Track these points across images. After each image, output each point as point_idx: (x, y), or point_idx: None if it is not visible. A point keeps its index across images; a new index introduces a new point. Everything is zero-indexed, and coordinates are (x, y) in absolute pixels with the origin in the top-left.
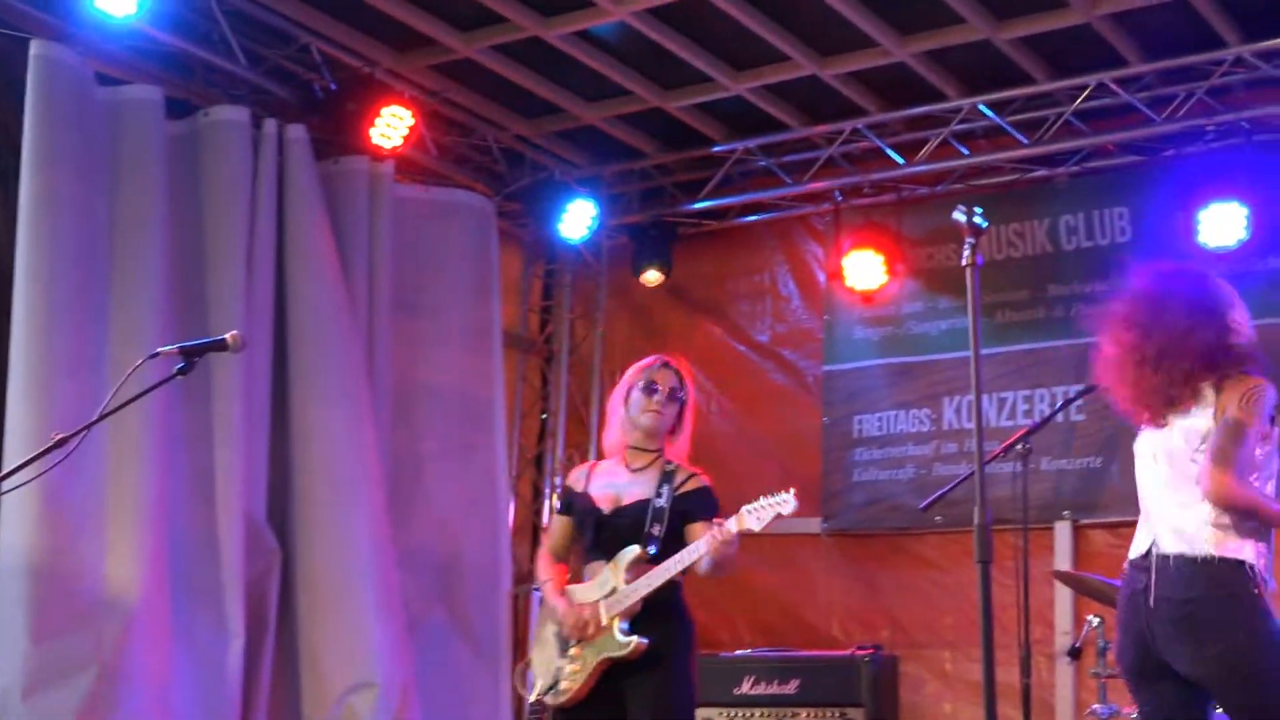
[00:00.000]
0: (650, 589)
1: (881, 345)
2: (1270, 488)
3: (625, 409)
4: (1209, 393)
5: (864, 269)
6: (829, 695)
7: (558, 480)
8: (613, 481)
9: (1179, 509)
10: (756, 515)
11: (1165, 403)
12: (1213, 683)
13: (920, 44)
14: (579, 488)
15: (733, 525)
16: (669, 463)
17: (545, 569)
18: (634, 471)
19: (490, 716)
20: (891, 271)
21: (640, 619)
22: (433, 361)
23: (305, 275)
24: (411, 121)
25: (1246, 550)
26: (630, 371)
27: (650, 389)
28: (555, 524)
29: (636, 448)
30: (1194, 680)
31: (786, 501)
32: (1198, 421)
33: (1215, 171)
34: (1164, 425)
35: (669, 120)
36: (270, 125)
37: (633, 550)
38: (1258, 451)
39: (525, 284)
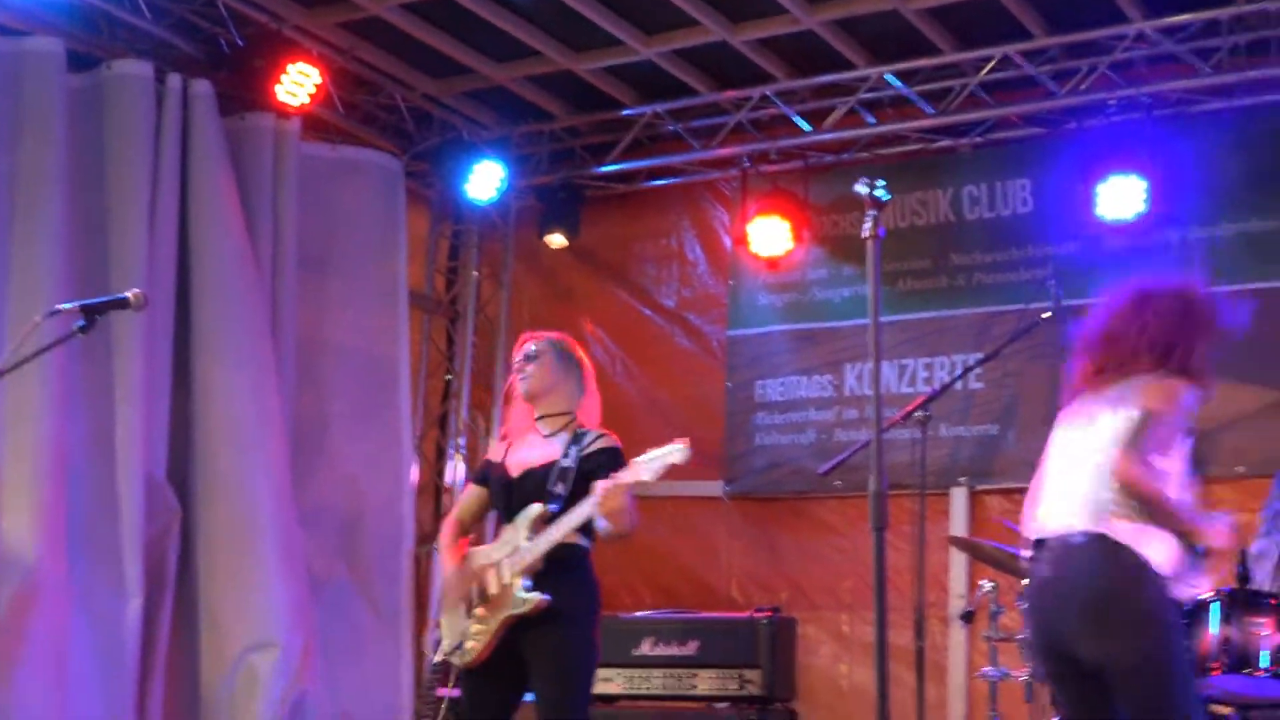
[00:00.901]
0: (550, 544)
1: (786, 311)
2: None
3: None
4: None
5: (770, 235)
6: (727, 656)
7: (461, 441)
8: (527, 449)
9: (1090, 495)
10: (649, 466)
11: (1115, 374)
12: (1118, 674)
13: (829, 12)
14: (497, 459)
15: (623, 476)
16: (580, 427)
17: (446, 535)
18: (546, 438)
19: (391, 676)
20: (797, 238)
21: (543, 577)
22: (338, 321)
23: (209, 233)
24: (319, 79)
25: (1154, 546)
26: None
27: (517, 368)
28: (466, 493)
29: (542, 416)
30: (1100, 671)
31: (678, 451)
32: (1124, 411)
33: (1116, 145)
34: (1090, 413)
35: (578, 83)
36: (175, 80)
37: (535, 508)
38: (1167, 456)
39: (432, 244)
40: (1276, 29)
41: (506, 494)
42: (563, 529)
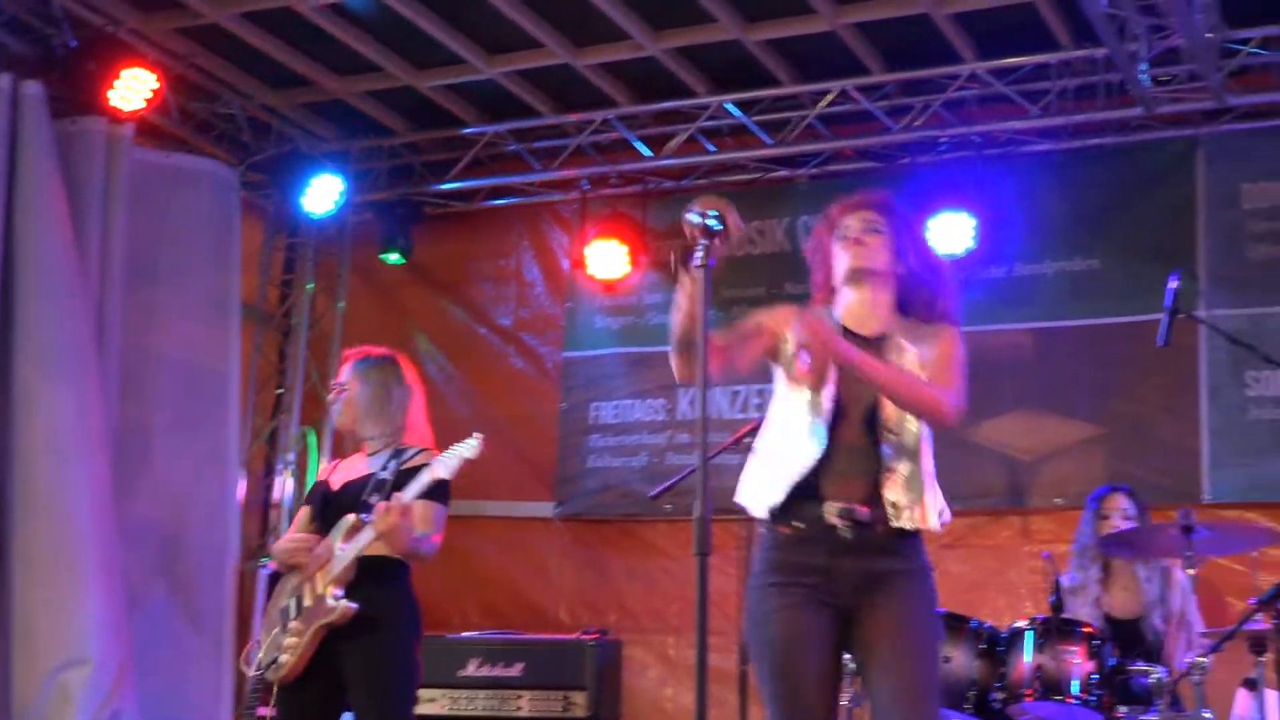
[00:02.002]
0: (357, 553)
1: (621, 334)
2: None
3: None
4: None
5: (607, 258)
6: (553, 678)
7: (290, 456)
8: (352, 467)
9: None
10: (445, 463)
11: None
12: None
13: (672, 40)
14: (325, 477)
15: (403, 496)
16: (404, 445)
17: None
18: (370, 455)
19: (210, 695)
20: (634, 262)
21: (357, 587)
22: (167, 331)
23: (35, 237)
24: (155, 84)
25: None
26: None
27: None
28: (300, 514)
29: (366, 438)
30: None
31: (472, 445)
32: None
33: (947, 182)
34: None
35: (420, 99)
36: (4, 80)
37: (348, 519)
38: None
39: (266, 256)
40: (1103, 75)
41: (325, 506)
42: (368, 539)
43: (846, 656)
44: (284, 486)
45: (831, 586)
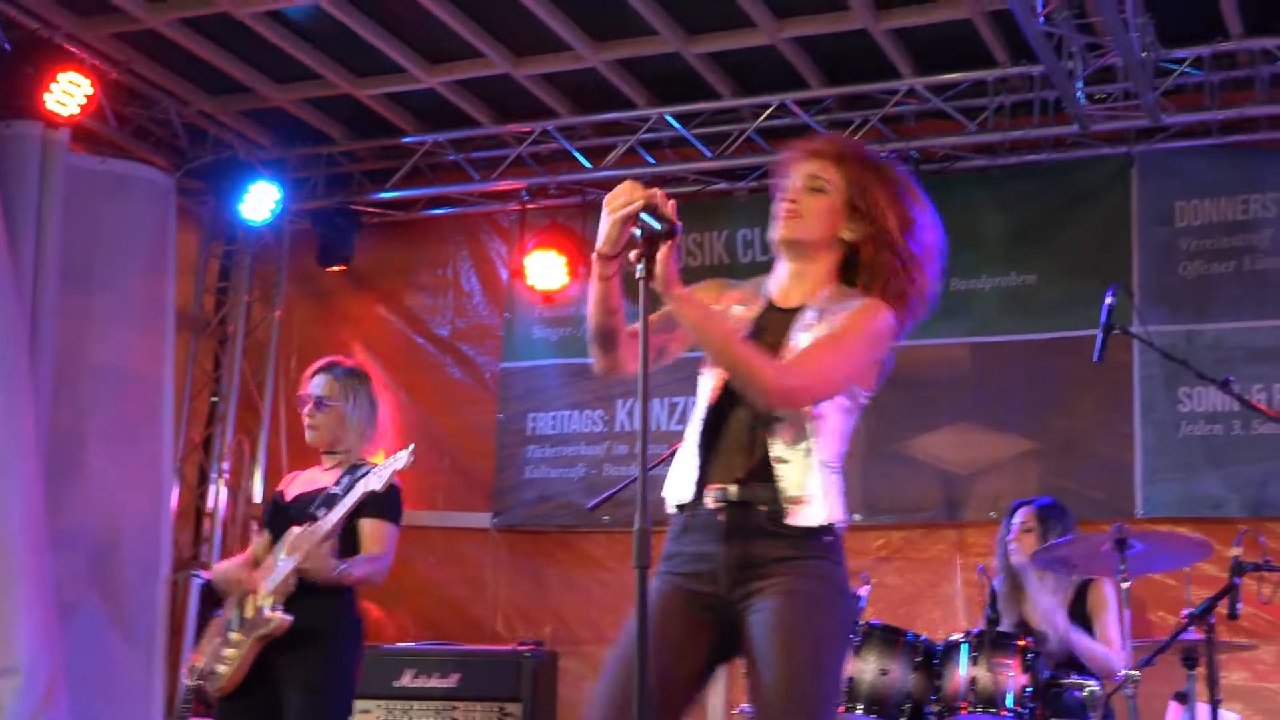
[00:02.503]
0: (293, 567)
1: (560, 345)
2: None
3: None
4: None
5: (546, 269)
6: (489, 690)
7: (225, 465)
8: (308, 479)
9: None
10: (378, 475)
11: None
12: None
13: (612, 52)
14: (283, 488)
15: (321, 527)
16: (361, 460)
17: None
18: (326, 470)
19: (142, 706)
20: (573, 273)
21: (297, 600)
22: (101, 338)
23: None
24: (90, 90)
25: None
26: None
27: (303, 401)
28: (259, 540)
29: (326, 453)
30: None
31: (403, 456)
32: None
33: None
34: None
35: (359, 108)
36: None
37: (293, 531)
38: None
39: (202, 264)
40: (1039, 92)
41: (275, 519)
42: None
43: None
44: (218, 496)
45: (712, 573)
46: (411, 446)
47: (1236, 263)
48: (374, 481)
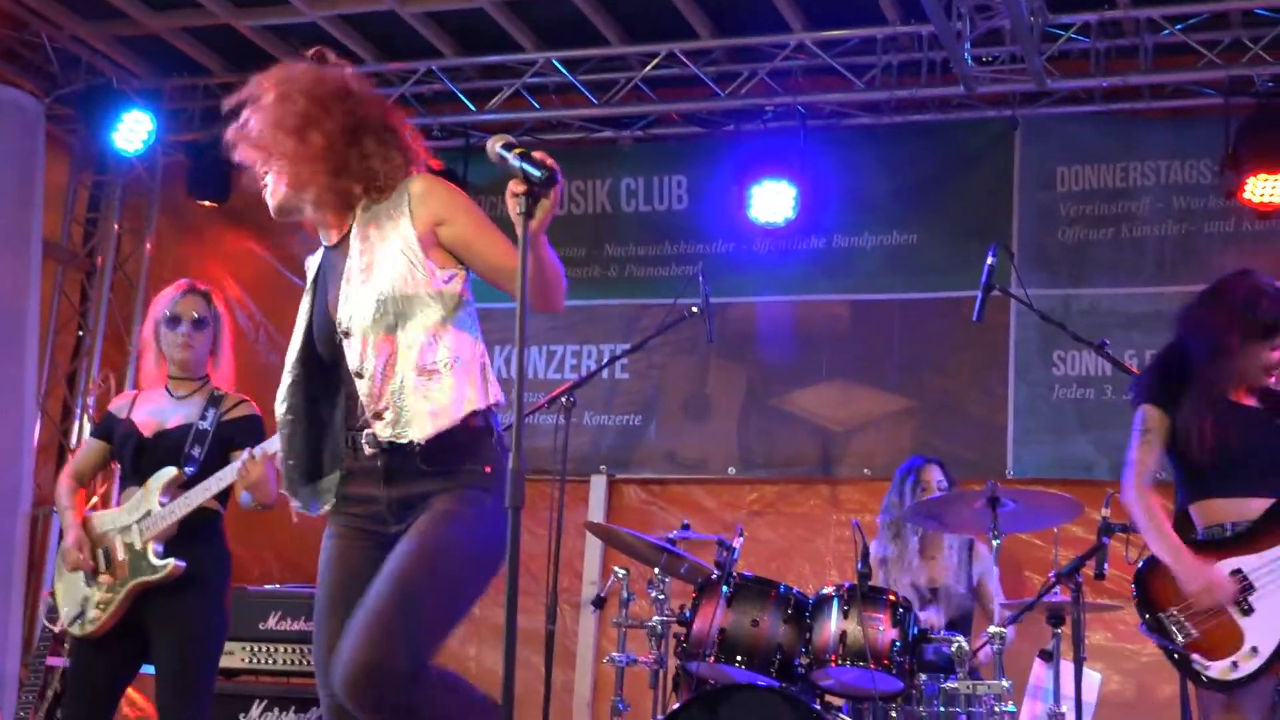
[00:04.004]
0: (187, 510)
1: None
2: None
3: (156, 343)
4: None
5: None
6: None
7: (90, 400)
8: (158, 408)
9: None
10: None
11: None
12: None
13: None
14: (122, 415)
15: (269, 447)
16: (216, 389)
17: (66, 495)
18: (179, 399)
19: None
20: None
21: (175, 543)
22: None
23: None
24: None
25: None
26: (155, 302)
27: (174, 322)
28: (86, 447)
29: (178, 377)
30: None
31: None
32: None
33: (770, 151)
34: None
35: (239, 39)
36: None
37: (168, 472)
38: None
39: (71, 193)
40: (927, 52)
41: (137, 455)
42: (200, 495)
43: None
44: (81, 431)
45: (378, 515)
46: None
47: (1115, 229)
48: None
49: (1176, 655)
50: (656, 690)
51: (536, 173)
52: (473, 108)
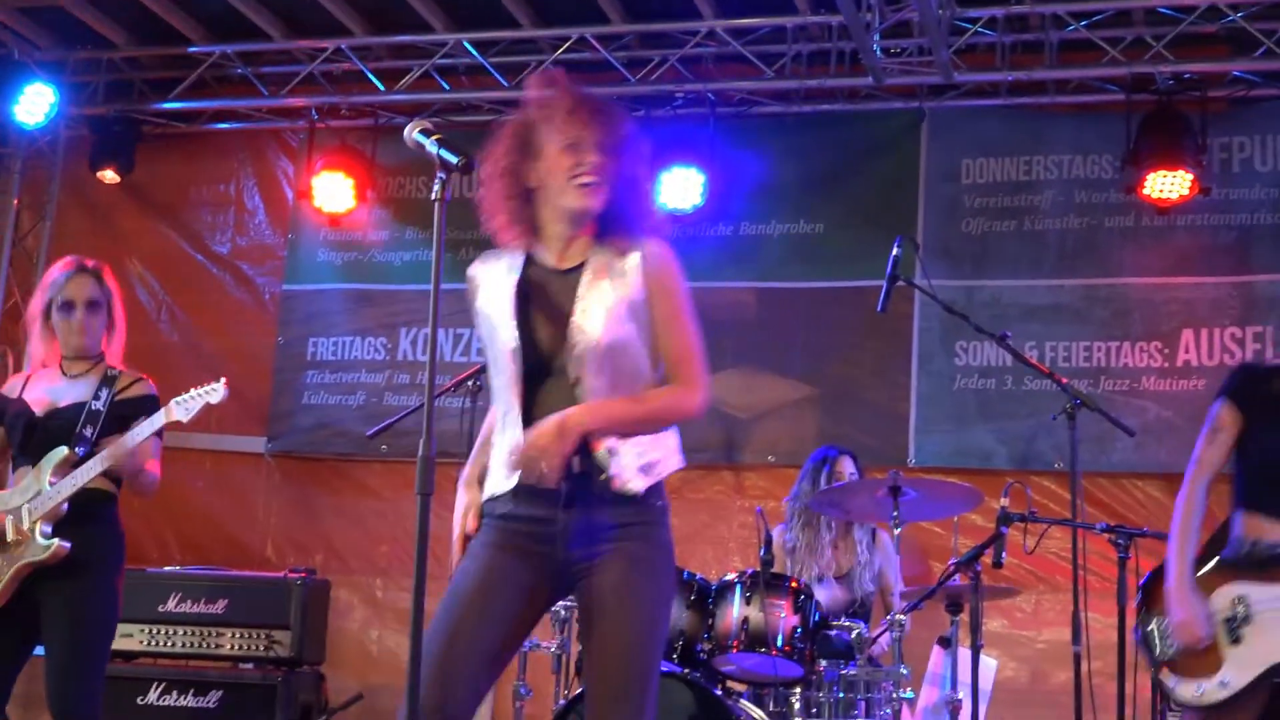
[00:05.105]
0: (73, 489)
1: (344, 270)
2: None
3: (45, 321)
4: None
5: (334, 191)
6: (257, 616)
7: None
8: (51, 386)
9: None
10: (185, 406)
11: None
12: None
13: None
14: (14, 394)
15: (137, 434)
16: (111, 368)
17: None
18: (72, 378)
19: None
20: (361, 197)
21: (66, 524)
22: None
23: None
24: None
25: None
26: (45, 282)
27: (68, 308)
28: None
29: (71, 357)
30: None
31: (215, 390)
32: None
33: (679, 137)
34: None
35: (145, 13)
36: None
37: (59, 452)
38: None
39: None
40: (837, 42)
41: (28, 434)
42: (85, 475)
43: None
44: None
45: (550, 537)
46: (223, 380)
47: (1017, 222)
48: (180, 413)
49: (1152, 667)
50: (559, 675)
51: (453, 159)
52: (382, 88)
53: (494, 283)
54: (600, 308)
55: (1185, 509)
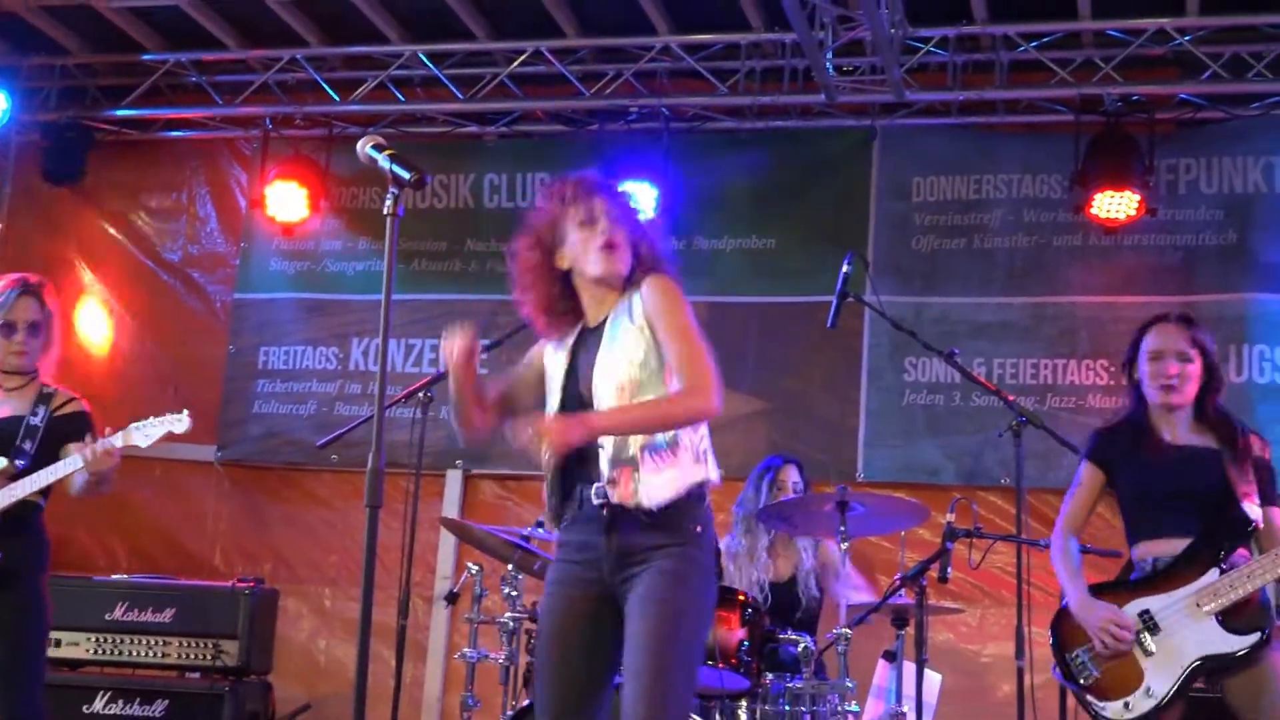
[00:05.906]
0: (10, 501)
1: (297, 279)
2: None
3: None
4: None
5: (287, 200)
6: (204, 625)
7: None
8: None
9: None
10: (145, 432)
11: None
12: None
13: None
14: None
15: (116, 440)
16: (45, 386)
17: None
18: (8, 391)
19: None
20: (314, 207)
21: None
22: None
23: None
24: None
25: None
26: None
27: (9, 329)
28: None
29: (9, 372)
30: None
31: (180, 420)
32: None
33: (632, 151)
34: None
35: (99, 20)
36: None
37: None
38: None
39: None
40: (790, 60)
41: None
42: (26, 488)
43: None
44: None
45: (596, 562)
46: (185, 412)
47: (967, 240)
48: (139, 438)
49: (1079, 697)
50: (507, 686)
51: (405, 174)
52: (336, 98)
53: (555, 348)
54: (618, 354)
55: (1062, 558)
